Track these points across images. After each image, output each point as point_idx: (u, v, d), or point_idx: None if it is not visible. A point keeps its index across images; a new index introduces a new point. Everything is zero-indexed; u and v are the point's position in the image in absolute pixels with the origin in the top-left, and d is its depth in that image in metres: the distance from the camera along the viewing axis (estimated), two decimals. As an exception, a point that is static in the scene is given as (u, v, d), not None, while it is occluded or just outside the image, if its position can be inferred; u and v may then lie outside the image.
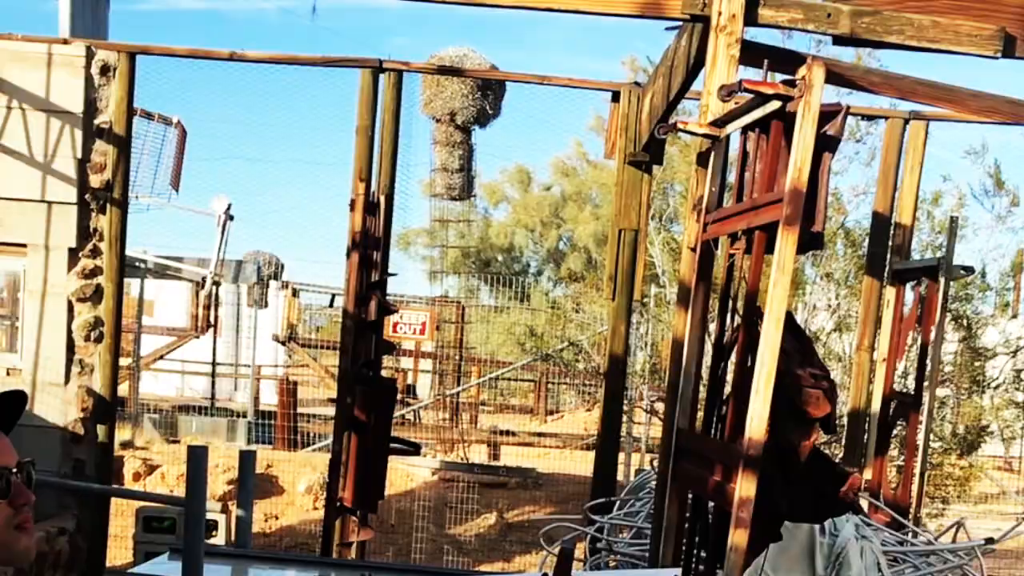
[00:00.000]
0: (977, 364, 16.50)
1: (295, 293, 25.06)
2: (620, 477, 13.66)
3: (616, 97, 9.40)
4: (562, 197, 40.98)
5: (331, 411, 11.69)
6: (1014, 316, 17.97)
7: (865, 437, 9.43)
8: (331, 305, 25.83)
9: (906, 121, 9.56)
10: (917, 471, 9.00)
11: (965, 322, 15.97)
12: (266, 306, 23.31)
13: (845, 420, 10.11)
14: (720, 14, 4.99)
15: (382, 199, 9.54)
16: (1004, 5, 4.93)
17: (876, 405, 9.28)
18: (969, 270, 10.12)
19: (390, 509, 14.92)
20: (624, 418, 15.29)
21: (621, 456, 15.56)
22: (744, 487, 4.57)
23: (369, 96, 9.53)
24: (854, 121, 13.58)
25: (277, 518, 15.26)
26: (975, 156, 16.46)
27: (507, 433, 21.04)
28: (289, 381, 21.01)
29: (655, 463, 7.48)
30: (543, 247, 41.77)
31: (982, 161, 16.51)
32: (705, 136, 5.23)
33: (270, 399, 23.26)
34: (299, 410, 20.34)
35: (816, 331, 15.53)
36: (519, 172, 41.76)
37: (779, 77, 5.12)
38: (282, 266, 24.32)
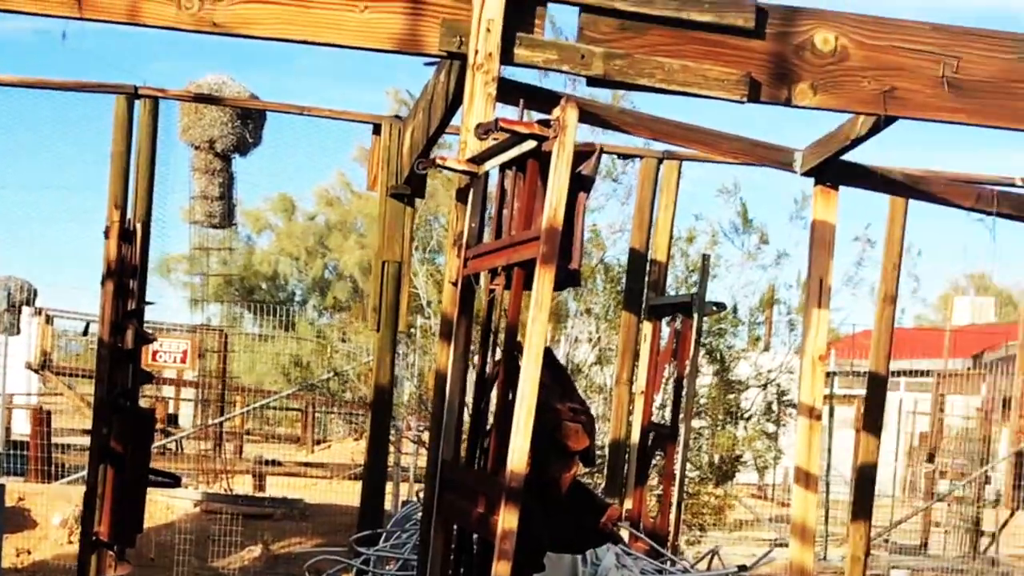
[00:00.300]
0: (731, 396, 17.07)
1: (49, 320, 24.28)
2: (388, 507, 13.63)
3: (377, 130, 9.34)
4: (327, 226, 40.85)
5: (88, 441, 11.35)
6: (766, 349, 18.65)
7: (625, 468, 9.60)
8: (85, 333, 25.10)
9: (660, 160, 9.75)
10: (675, 500, 9.21)
11: (719, 356, 16.49)
12: (18, 332, 22.51)
13: (606, 451, 10.28)
14: (477, 52, 5.02)
15: (138, 227, 9.33)
16: (751, 52, 5.11)
17: (635, 436, 9.45)
18: (721, 306, 10.44)
19: (149, 542, 14.53)
20: (392, 448, 15.26)
21: (389, 486, 15.53)
22: (506, 519, 4.60)
23: (124, 122, 9.30)
24: (610, 159, 13.89)
25: (30, 553, 14.74)
26: (727, 195, 17.01)
27: (273, 463, 20.80)
28: (43, 410, 20.35)
29: (422, 494, 7.48)
30: (308, 276, 41.52)
31: (734, 200, 17.08)
32: (463, 173, 5.27)
33: (22, 429, 22.46)
34: (53, 440, 19.70)
35: (578, 363, 15.81)
36: (282, 200, 41.43)
37: (537, 115, 5.20)
38: (35, 292, 23.53)
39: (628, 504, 9.34)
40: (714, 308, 9.80)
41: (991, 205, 6.29)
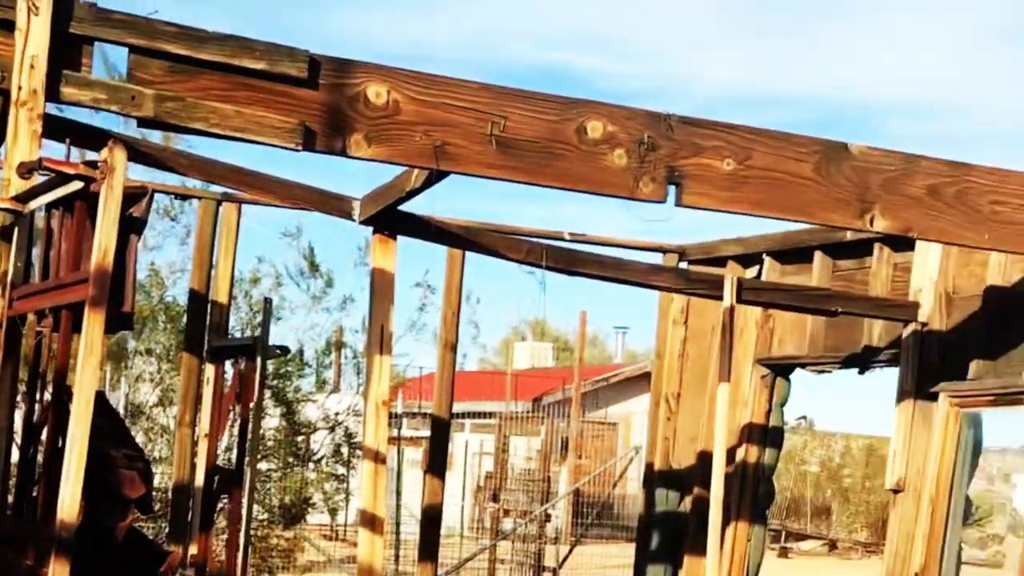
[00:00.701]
0: (299, 439, 17.09)
1: None
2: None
3: (-89, 162, 8.81)
4: None
5: None
6: (334, 391, 18.81)
7: (190, 512, 9.44)
8: None
9: (219, 202, 9.66)
10: (242, 543, 9.13)
11: (284, 398, 16.47)
12: None
13: (170, 495, 10.08)
14: (20, 88, 4.87)
15: None
16: (306, 101, 5.11)
17: (200, 479, 9.32)
18: (285, 350, 10.47)
19: None
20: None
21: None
22: (57, 571, 4.46)
23: None
24: (169, 199, 13.66)
25: None
26: (292, 238, 17.10)
27: None
28: None
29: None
30: None
31: (299, 243, 17.18)
32: (7, 211, 5.08)
33: None
34: None
35: (140, 404, 15.42)
36: None
37: (90, 153, 5.09)
38: None
39: (193, 549, 9.18)
40: (278, 351, 9.83)
41: (540, 258, 6.64)
